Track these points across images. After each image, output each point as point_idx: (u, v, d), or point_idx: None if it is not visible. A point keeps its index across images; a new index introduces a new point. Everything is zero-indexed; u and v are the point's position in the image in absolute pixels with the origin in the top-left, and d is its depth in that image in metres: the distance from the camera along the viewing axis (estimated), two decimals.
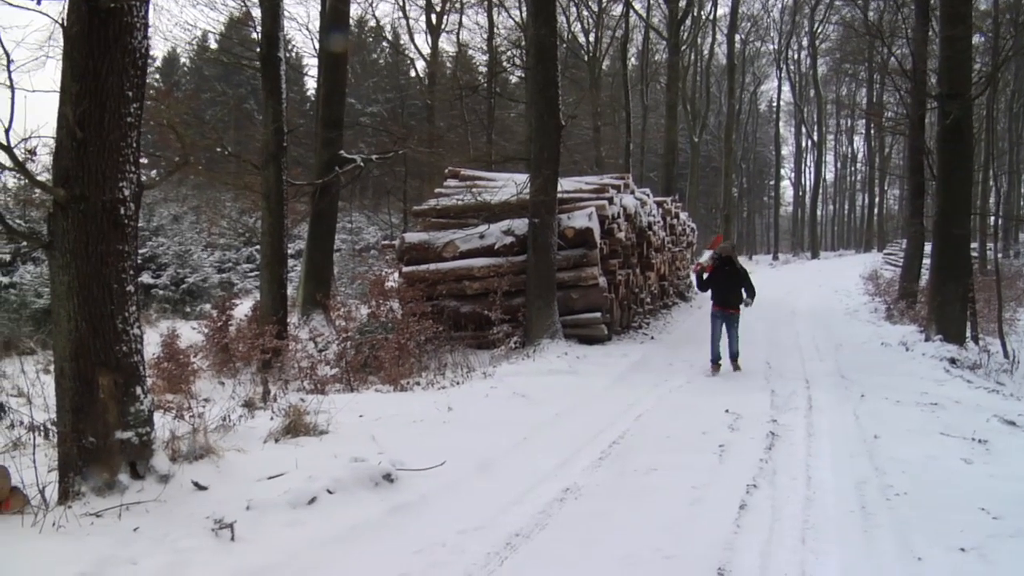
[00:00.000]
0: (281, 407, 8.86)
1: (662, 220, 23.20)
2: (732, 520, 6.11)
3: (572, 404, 10.57)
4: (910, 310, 20.92)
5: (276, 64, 16.01)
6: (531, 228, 15.17)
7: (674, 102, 39.63)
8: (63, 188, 5.81)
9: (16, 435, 7.70)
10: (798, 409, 10.32)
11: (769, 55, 66.38)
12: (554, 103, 15.47)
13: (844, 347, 16.15)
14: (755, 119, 74.54)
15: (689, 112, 51.04)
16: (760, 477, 7.26)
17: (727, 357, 13.73)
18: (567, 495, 6.85)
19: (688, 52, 49.88)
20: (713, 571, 5.13)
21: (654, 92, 53.17)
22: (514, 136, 38.50)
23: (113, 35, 5.90)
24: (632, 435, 8.94)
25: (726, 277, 13.70)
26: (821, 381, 12.36)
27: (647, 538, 5.73)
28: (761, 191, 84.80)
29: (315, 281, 18.73)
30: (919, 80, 20.68)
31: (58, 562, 4.79)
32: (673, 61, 39.64)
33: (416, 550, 5.52)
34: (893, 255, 38.94)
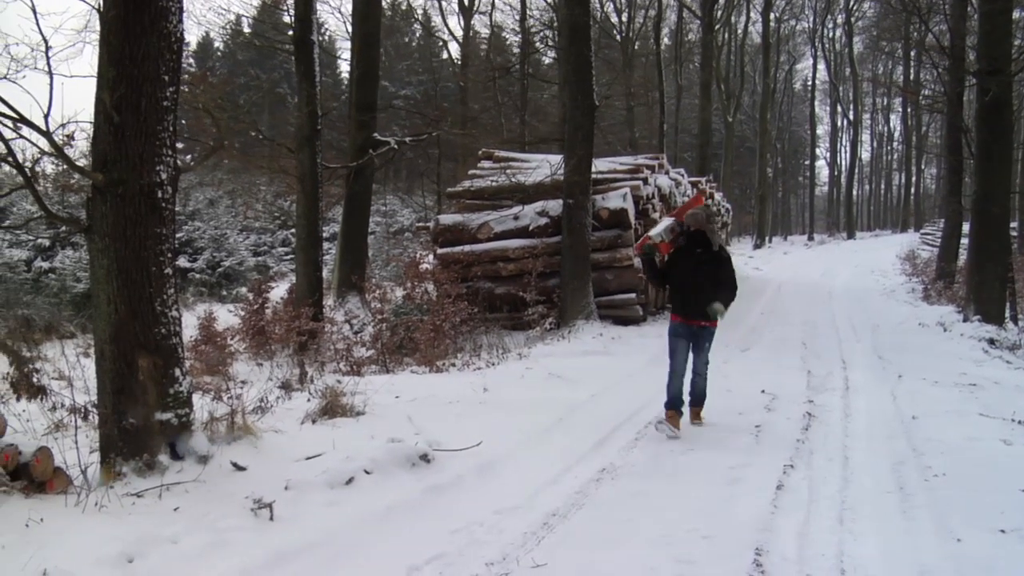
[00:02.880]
0: (318, 388, 8.91)
1: None
2: (769, 501, 6.10)
3: (607, 385, 10.57)
4: (948, 290, 20.72)
5: (309, 47, 16.04)
6: (565, 209, 15.14)
7: (708, 82, 39.39)
8: (101, 172, 5.86)
9: (58, 417, 7.79)
10: (835, 390, 10.27)
11: (804, 33, 65.55)
12: (588, 84, 15.41)
13: (881, 328, 16.02)
14: (790, 98, 73.83)
15: (723, 92, 50.66)
16: (797, 458, 7.25)
17: (700, 399, 8.77)
18: (603, 475, 6.86)
19: (722, 31, 49.47)
20: (750, 551, 5.12)
21: (688, 72, 52.83)
22: (547, 117, 38.35)
23: (149, 20, 5.93)
24: None
25: (694, 267, 8.32)
26: (858, 361, 12.27)
27: (684, 518, 5.73)
28: (796, 171, 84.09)
29: (350, 263, 18.80)
30: (957, 57, 20.38)
31: (101, 541, 4.86)
32: (707, 40, 39.36)
33: (453, 530, 5.55)
34: (930, 235, 38.56)
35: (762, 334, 15.34)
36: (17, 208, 21.75)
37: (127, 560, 4.77)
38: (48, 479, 5.85)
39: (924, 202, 71.03)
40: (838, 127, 73.03)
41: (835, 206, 74.59)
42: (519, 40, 38.86)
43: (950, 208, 23.31)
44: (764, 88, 52.45)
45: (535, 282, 14.94)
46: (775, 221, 71.25)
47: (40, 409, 8.08)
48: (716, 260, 8.37)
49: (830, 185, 77.69)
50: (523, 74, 34.61)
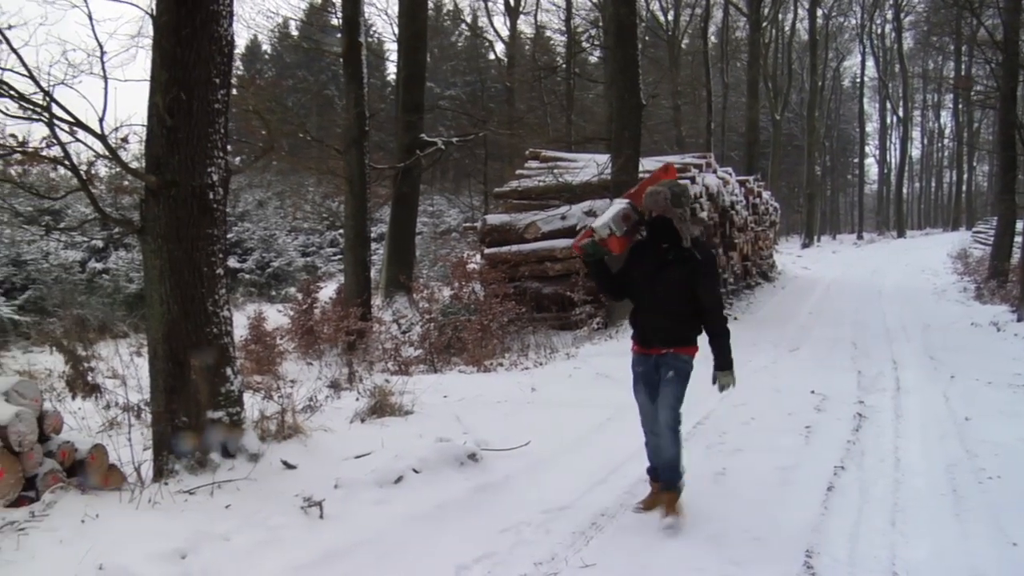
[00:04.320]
0: (366, 388, 8.98)
1: (744, 199, 22.93)
2: (820, 502, 6.06)
3: None
4: (1001, 289, 20.39)
5: (357, 50, 16.13)
6: None
7: (755, 80, 39.15)
8: (154, 174, 5.94)
9: (112, 415, 7.92)
10: (885, 390, 10.15)
11: (852, 30, 64.81)
12: (634, 83, 15.37)
13: (932, 327, 15.81)
14: (838, 96, 73.06)
15: (771, 90, 50.23)
16: (848, 459, 7.18)
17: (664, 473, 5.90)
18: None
19: (769, 28, 49.10)
20: (801, 553, 5.09)
21: (735, 70, 52.51)
22: (594, 117, 38.29)
23: (200, 24, 6.02)
24: (717, 415, 8.88)
25: (654, 271, 5.79)
26: (909, 362, 12.13)
27: (734, 519, 5.70)
28: (845, 169, 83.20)
29: (398, 263, 18.90)
30: (1011, 51, 20.10)
31: (155, 537, 4.93)
32: (754, 38, 39.13)
33: (502, 529, 5.57)
34: (982, 233, 37.96)
35: (811, 333, 15.21)
36: (72, 210, 22.07)
37: (180, 556, 4.84)
38: (103, 476, 5.95)
39: (976, 200, 69.93)
40: (887, 124, 72.19)
41: (885, 204, 73.76)
42: (565, 40, 38.81)
43: (1003, 205, 22.96)
44: (812, 85, 51.98)
45: (582, 282, 14.91)
46: (823, 220, 70.48)
47: (95, 407, 8.24)
48: (687, 263, 5.60)
49: (879, 183, 76.80)
50: (569, 74, 34.58)
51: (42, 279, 19.22)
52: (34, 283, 19.05)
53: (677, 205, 5.65)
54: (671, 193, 5.66)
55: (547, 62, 36.86)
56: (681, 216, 5.64)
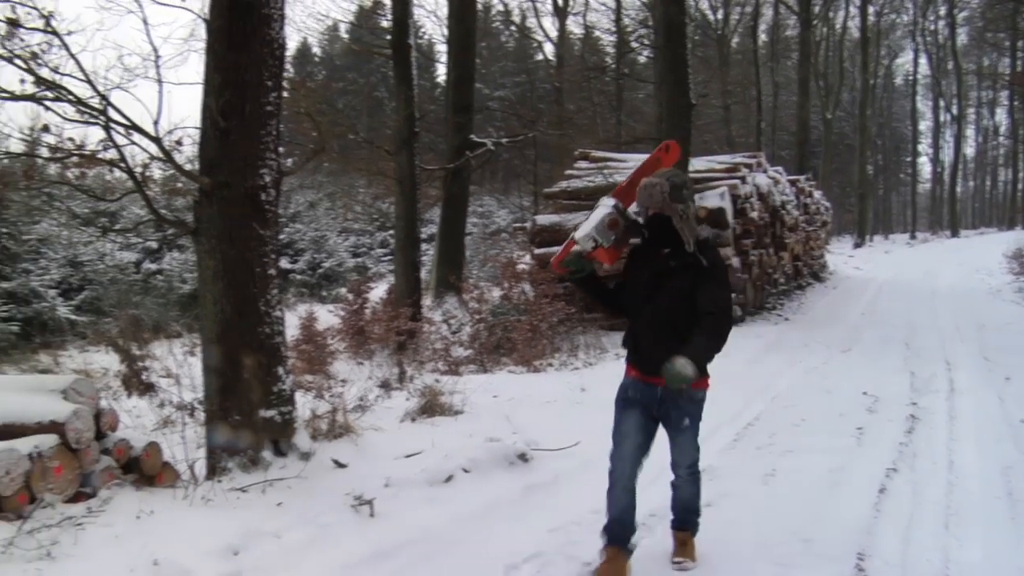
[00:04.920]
0: (417, 388, 9.03)
1: (795, 199, 22.76)
2: (871, 504, 6.00)
3: None
4: None
5: (407, 51, 16.20)
6: None
7: (806, 78, 38.75)
8: (208, 176, 6.03)
9: (166, 414, 8.04)
10: (939, 391, 10.02)
11: (904, 26, 63.88)
12: (684, 82, 15.30)
13: (987, 328, 15.57)
14: (890, 94, 72.09)
15: (821, 88, 49.74)
16: (900, 461, 7.10)
17: (685, 518, 5.27)
18: (701, 476, 6.81)
19: (820, 26, 48.60)
20: (852, 555, 5.05)
21: (785, 69, 52.06)
22: (643, 117, 38.18)
23: (252, 27, 6.10)
24: (767, 416, 8.84)
25: (653, 280, 4.82)
26: (963, 363, 11.95)
27: (784, 521, 5.67)
28: (897, 168, 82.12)
29: (448, 264, 18.94)
30: None
31: (208, 534, 5.00)
32: (804, 36, 38.74)
33: (551, 528, 5.58)
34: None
35: (863, 334, 15.06)
36: (127, 212, 22.38)
37: (232, 553, 4.90)
38: (157, 473, 6.06)
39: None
40: (941, 122, 71.06)
41: (938, 203, 72.70)
42: (614, 40, 38.72)
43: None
44: (863, 84, 51.38)
45: None
46: (876, 219, 69.67)
47: (149, 405, 8.37)
48: (691, 270, 4.67)
49: (933, 182, 75.70)
50: (618, 73, 34.51)
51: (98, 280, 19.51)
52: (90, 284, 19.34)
53: (677, 200, 4.63)
54: (669, 185, 4.64)
55: (596, 62, 36.82)
56: (683, 213, 4.65)
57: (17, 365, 13.76)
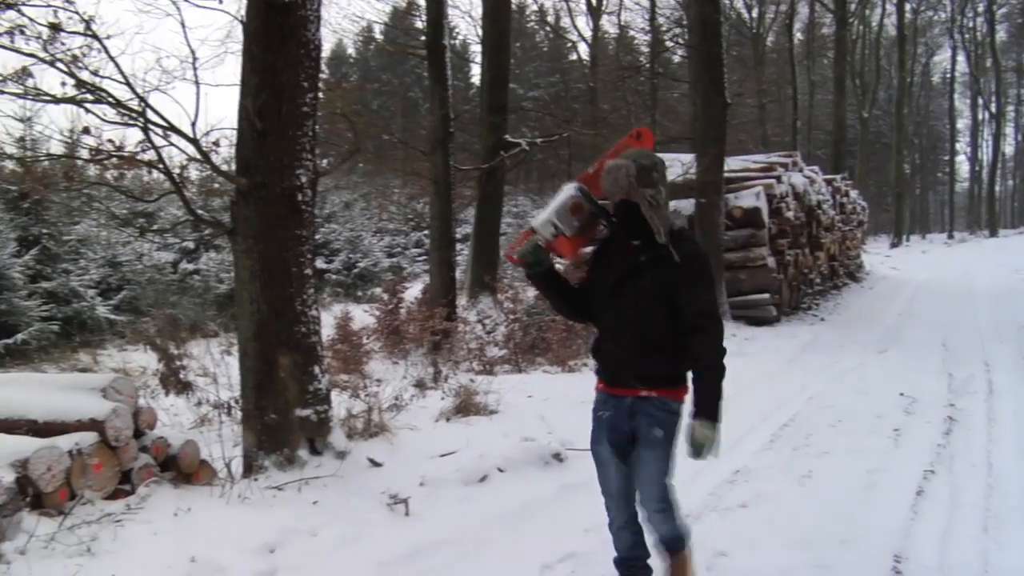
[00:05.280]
0: (451, 387, 9.05)
1: (831, 198, 22.62)
2: (908, 506, 5.95)
3: (741, 386, 10.37)
4: None
5: (441, 52, 16.23)
6: (698, 209, 15.02)
7: (842, 77, 38.46)
8: (245, 176, 6.08)
9: (203, 412, 8.11)
10: (977, 393, 9.91)
11: (942, 23, 63.20)
12: (719, 81, 15.26)
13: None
14: (928, 91, 71.38)
15: (857, 87, 49.35)
16: (938, 463, 7.04)
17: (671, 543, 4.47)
18: (737, 477, 6.79)
19: (856, 24, 48.22)
20: (889, 557, 5.01)
21: (821, 67, 51.71)
22: (677, 116, 37.99)
23: (288, 29, 6.14)
24: (803, 417, 8.79)
25: (620, 279, 4.07)
26: (1002, 364, 11.81)
27: (820, 522, 5.64)
28: (935, 167, 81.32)
29: (482, 264, 18.96)
30: None
31: (245, 531, 5.05)
32: (840, 34, 38.46)
33: (586, 529, 5.57)
34: None
35: (899, 335, 14.94)
36: (164, 213, 22.56)
37: (269, 550, 4.94)
38: (194, 471, 6.12)
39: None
40: (979, 120, 70.31)
41: (976, 202, 71.93)
42: (648, 39, 38.61)
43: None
44: (900, 82, 50.93)
45: None
46: (912, 219, 69.03)
47: (186, 404, 8.44)
48: (663, 266, 3.95)
49: (971, 181, 74.83)
50: (653, 73, 34.41)
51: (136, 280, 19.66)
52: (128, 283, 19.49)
53: (646, 183, 3.95)
54: (636, 167, 3.96)
55: (630, 61, 36.70)
56: (653, 199, 3.95)
57: (57, 364, 13.92)
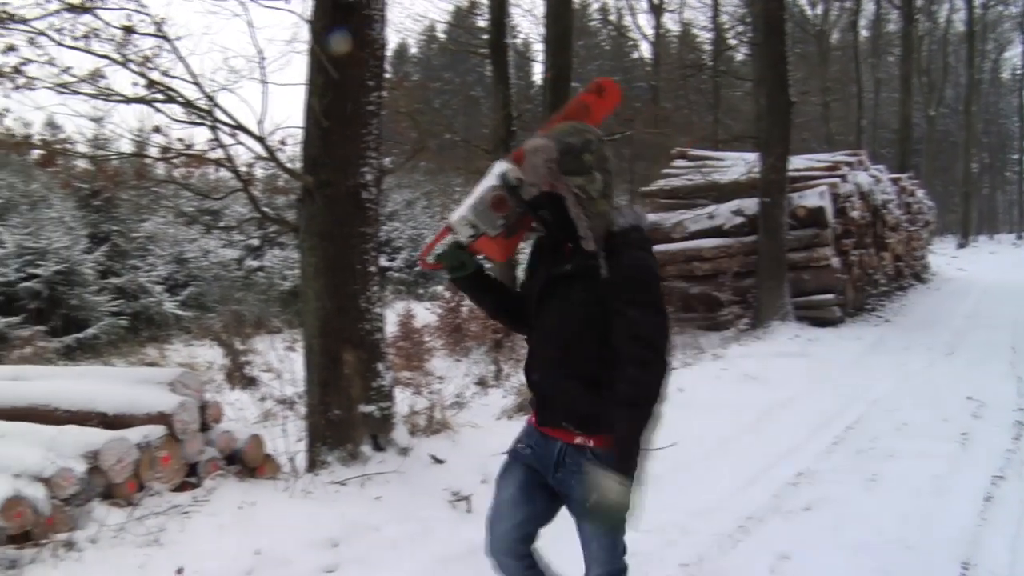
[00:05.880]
0: (513, 385, 9.08)
1: (897, 198, 22.29)
2: (976, 512, 5.83)
3: (804, 387, 10.34)
4: None
5: (503, 51, 16.28)
6: (761, 208, 14.90)
7: (908, 74, 37.84)
8: (311, 175, 6.15)
9: (267, 407, 8.22)
10: None
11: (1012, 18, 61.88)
12: (784, 79, 15.11)
13: None
14: (997, 89, 70.07)
15: (924, 84, 48.52)
16: (1007, 468, 6.89)
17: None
18: (800, 479, 6.72)
19: (923, 20, 47.42)
20: (956, 564, 4.92)
21: (886, 65, 50.94)
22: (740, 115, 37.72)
23: (354, 28, 6.19)
24: (868, 420, 8.67)
25: (544, 291, 3.18)
26: None
27: (884, 527, 5.55)
28: (1003, 166, 79.74)
29: None
30: None
31: (309, 525, 5.11)
32: (907, 31, 37.83)
33: (648, 529, 5.51)
34: None
35: (966, 338, 14.67)
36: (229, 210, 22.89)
37: (332, 545, 5.00)
38: (259, 465, 6.21)
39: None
40: None
41: None
42: (711, 37, 38.36)
43: None
44: (969, 79, 49.97)
45: (730, 282, 14.76)
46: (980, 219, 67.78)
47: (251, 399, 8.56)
48: (592, 280, 3.02)
49: None
50: (715, 71, 34.18)
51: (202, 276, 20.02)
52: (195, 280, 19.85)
53: (572, 170, 3.02)
54: (558, 149, 3.02)
55: (693, 60, 36.48)
56: (582, 192, 3.02)
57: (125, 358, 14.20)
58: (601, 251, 3.00)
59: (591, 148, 3.09)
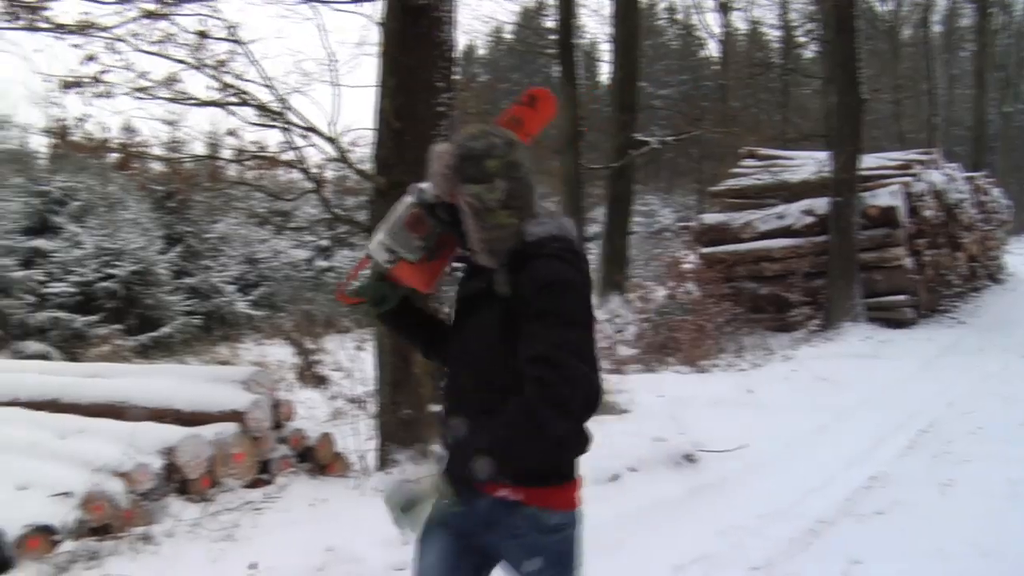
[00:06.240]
0: None
1: (972, 197, 21.87)
2: None
3: (877, 389, 10.19)
4: None
5: (570, 51, 16.28)
6: (832, 207, 14.72)
7: (982, 69, 37.07)
8: (383, 176, 6.20)
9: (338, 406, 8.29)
10: None
11: None
12: (854, 77, 14.93)
13: None
14: None
15: (1000, 80, 47.48)
16: None
17: None
18: (873, 483, 6.62)
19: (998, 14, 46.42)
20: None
21: (959, 60, 50.00)
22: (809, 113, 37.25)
23: (424, 30, 6.24)
24: (942, 423, 8.52)
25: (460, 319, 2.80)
26: None
27: (960, 532, 5.44)
28: None
29: (612, 263, 18.93)
30: None
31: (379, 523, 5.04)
32: (981, 25, 37.07)
33: (717, 531, 5.52)
34: None
35: None
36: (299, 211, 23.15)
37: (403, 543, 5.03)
38: (329, 463, 6.29)
39: None
40: None
41: None
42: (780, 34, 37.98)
43: None
44: None
45: (800, 282, 14.61)
46: None
47: (322, 397, 8.64)
48: (498, 302, 2.56)
49: None
50: (784, 69, 33.82)
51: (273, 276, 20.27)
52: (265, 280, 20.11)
53: (472, 178, 2.67)
54: (457, 155, 2.69)
55: (761, 58, 36.15)
56: (478, 201, 2.66)
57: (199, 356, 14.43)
58: (501, 266, 2.61)
59: (495, 153, 2.71)
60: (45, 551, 4.79)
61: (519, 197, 2.72)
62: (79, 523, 4.98)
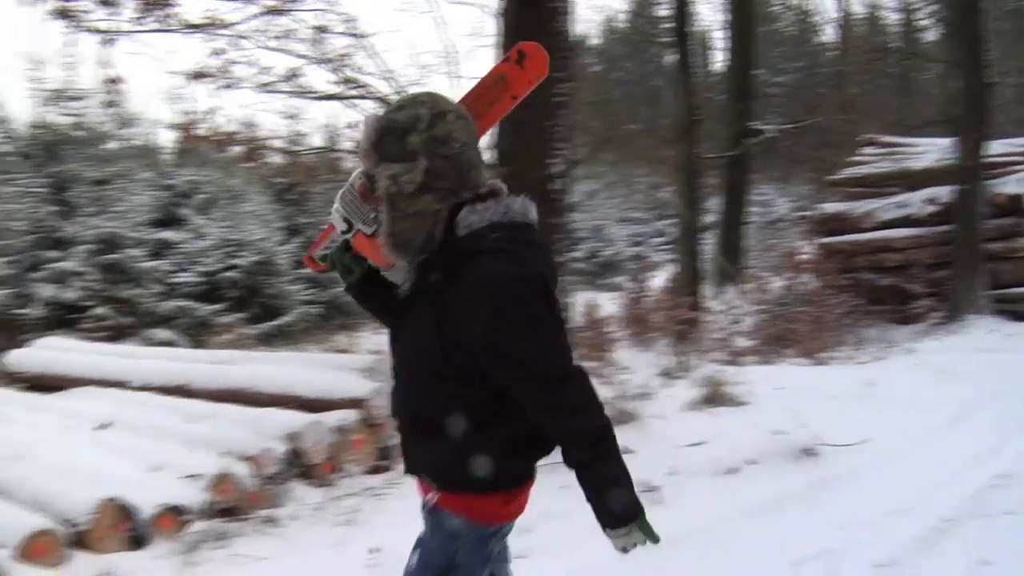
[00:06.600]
0: (698, 377, 9.00)
1: None
2: None
3: (1004, 384, 9.84)
4: None
5: (685, 39, 16.14)
6: (957, 196, 14.32)
7: None
8: (503, 166, 6.25)
9: None
10: None
11: None
12: (979, 60, 14.47)
13: None
14: None
15: None
16: None
17: None
18: (1000, 481, 6.40)
19: None
20: None
21: None
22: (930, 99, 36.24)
23: (541, 20, 6.26)
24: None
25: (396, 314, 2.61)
26: None
27: None
28: None
29: (728, 253, 18.76)
30: None
31: None
32: None
33: (840, 526, 5.42)
34: None
35: None
36: None
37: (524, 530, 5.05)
38: None
39: None
40: None
41: None
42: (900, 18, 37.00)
43: None
44: None
45: (922, 273, 14.24)
46: None
47: None
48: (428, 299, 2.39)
49: None
50: (905, 54, 32.94)
51: None
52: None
53: (391, 155, 2.38)
54: (379, 127, 2.41)
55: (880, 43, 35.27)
56: (394, 183, 2.37)
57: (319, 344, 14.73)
58: (413, 262, 2.42)
59: (418, 127, 2.36)
60: (176, 530, 4.98)
61: (444, 178, 2.38)
62: (208, 504, 5.16)
